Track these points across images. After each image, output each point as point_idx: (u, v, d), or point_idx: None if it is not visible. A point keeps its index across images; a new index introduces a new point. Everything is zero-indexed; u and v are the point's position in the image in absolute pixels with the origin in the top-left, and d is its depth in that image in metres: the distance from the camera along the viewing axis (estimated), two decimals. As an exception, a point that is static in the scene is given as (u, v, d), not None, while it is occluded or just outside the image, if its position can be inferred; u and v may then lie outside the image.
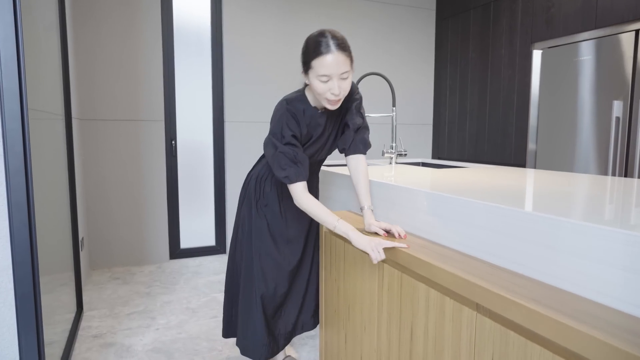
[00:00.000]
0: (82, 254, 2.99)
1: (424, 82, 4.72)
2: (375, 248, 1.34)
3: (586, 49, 3.03)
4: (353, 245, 1.43)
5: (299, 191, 1.52)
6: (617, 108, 2.87)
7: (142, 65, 3.56)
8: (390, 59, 4.48)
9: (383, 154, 2.52)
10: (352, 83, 1.69)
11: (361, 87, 4.44)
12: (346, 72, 1.43)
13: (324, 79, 1.41)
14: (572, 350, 0.80)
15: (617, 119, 2.87)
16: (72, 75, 3.03)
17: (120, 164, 3.55)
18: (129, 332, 2.43)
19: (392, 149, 2.50)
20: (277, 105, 1.58)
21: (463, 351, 1.08)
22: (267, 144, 1.59)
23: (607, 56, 2.91)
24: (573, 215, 0.99)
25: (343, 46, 1.41)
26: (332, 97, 1.43)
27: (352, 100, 1.66)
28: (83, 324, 2.52)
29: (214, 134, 3.92)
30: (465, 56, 4.27)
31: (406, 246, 1.29)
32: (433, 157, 4.79)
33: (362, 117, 1.68)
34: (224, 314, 1.91)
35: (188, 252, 3.92)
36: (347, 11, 4.21)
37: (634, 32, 2.76)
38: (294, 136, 1.53)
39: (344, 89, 1.45)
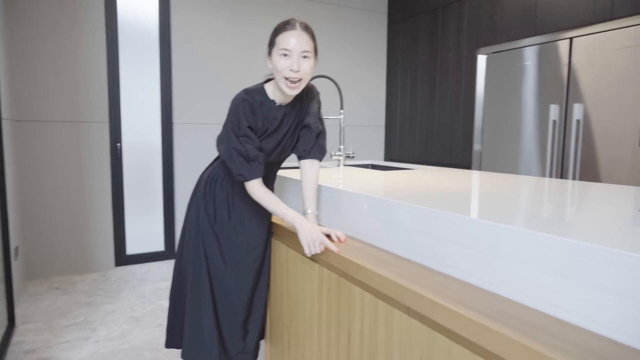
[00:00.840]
0: (15, 264, 2.82)
1: (377, 84, 4.78)
2: (311, 243, 1.39)
3: (527, 55, 3.16)
4: None
5: (251, 185, 1.53)
6: (554, 111, 3.00)
7: (84, 63, 3.41)
8: (343, 61, 4.51)
9: (331, 156, 2.52)
10: (313, 85, 1.69)
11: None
12: (307, 52, 1.46)
13: (285, 52, 1.43)
14: (490, 351, 0.81)
15: (554, 122, 3.00)
16: (4, 74, 2.86)
17: (60, 168, 3.38)
18: (66, 345, 2.31)
19: (340, 151, 2.50)
20: (235, 96, 1.55)
21: (394, 353, 1.08)
22: (220, 139, 1.56)
23: (546, 62, 3.04)
24: (507, 220, 1.01)
25: (308, 29, 1.48)
26: (292, 75, 1.43)
27: (314, 100, 1.65)
28: (15, 339, 2.37)
29: (162, 135, 3.81)
30: (415, 59, 4.36)
31: (336, 250, 1.31)
32: (385, 159, 4.85)
33: (322, 122, 1.68)
34: (167, 322, 1.81)
35: (135, 259, 3.77)
36: (299, 13, 4.20)
37: (568, 40, 2.89)
38: (250, 127, 1.51)
39: (304, 69, 1.45)
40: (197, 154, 3.86)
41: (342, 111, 2.52)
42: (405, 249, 1.23)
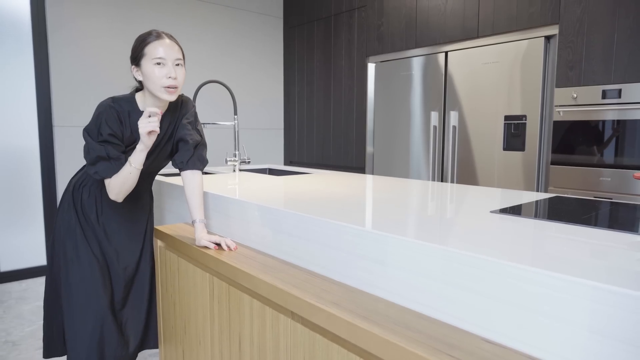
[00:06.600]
0: None
1: (275, 88, 4.83)
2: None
3: (413, 65, 3.43)
4: None
5: (107, 180, 1.50)
6: (434, 118, 3.30)
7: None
8: (239, 65, 4.49)
9: (226, 162, 2.52)
10: (189, 99, 1.70)
11: (205, 95, 4.36)
12: (180, 59, 1.48)
13: (160, 61, 1.43)
14: (360, 347, 0.90)
15: (435, 127, 3.30)
16: None
17: None
18: None
19: (235, 156, 2.51)
20: (100, 102, 1.51)
21: (281, 357, 1.14)
22: (85, 147, 1.53)
23: (428, 72, 3.33)
24: (393, 230, 1.11)
25: (175, 39, 1.51)
26: (170, 82, 1.44)
27: (189, 114, 1.67)
28: None
29: (40, 139, 3.48)
30: (311, 64, 4.49)
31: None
32: (285, 162, 4.94)
33: (201, 134, 1.71)
34: (44, 331, 1.73)
35: (11, 275, 3.41)
36: (191, 12, 4.10)
37: (444, 53, 3.21)
38: (113, 135, 1.48)
39: (180, 76, 1.48)
40: (82, 158, 3.59)
41: (235, 116, 2.53)
42: (291, 254, 1.29)
